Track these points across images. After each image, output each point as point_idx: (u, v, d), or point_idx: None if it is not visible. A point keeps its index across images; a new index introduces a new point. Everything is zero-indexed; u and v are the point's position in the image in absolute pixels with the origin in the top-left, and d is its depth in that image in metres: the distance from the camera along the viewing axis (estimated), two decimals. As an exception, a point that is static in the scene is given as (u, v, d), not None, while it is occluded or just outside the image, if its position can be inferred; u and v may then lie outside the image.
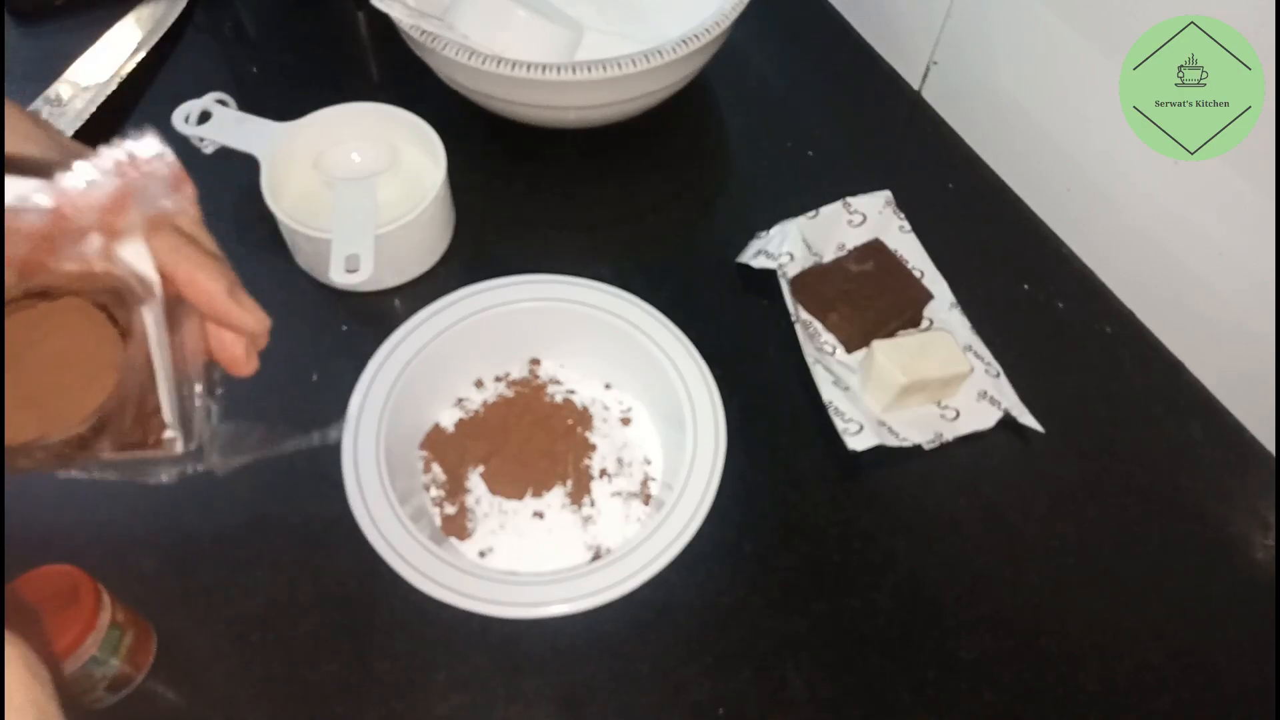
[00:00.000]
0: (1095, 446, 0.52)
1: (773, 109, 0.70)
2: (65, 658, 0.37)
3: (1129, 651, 0.45)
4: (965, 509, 0.50)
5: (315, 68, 0.71)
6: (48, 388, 0.25)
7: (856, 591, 0.46)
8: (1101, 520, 0.49)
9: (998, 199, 0.64)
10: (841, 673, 0.44)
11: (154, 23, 0.71)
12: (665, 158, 0.66)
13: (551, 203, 0.64)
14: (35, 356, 0.25)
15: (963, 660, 0.44)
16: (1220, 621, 0.47)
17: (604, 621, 0.44)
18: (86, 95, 0.65)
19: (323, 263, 0.52)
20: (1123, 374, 0.56)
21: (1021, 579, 0.47)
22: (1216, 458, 0.52)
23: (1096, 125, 0.55)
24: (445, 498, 0.48)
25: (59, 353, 0.25)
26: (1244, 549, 0.49)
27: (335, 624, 0.44)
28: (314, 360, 0.53)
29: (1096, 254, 0.60)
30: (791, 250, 0.56)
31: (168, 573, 0.45)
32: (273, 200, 0.53)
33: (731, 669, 0.44)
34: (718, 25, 0.57)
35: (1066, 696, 0.44)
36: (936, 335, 0.53)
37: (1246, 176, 0.47)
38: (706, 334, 0.50)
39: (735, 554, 0.47)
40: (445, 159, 0.56)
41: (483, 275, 0.52)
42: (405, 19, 0.56)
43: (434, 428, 0.51)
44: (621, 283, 0.52)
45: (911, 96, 0.70)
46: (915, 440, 0.50)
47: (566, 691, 0.43)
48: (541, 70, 0.54)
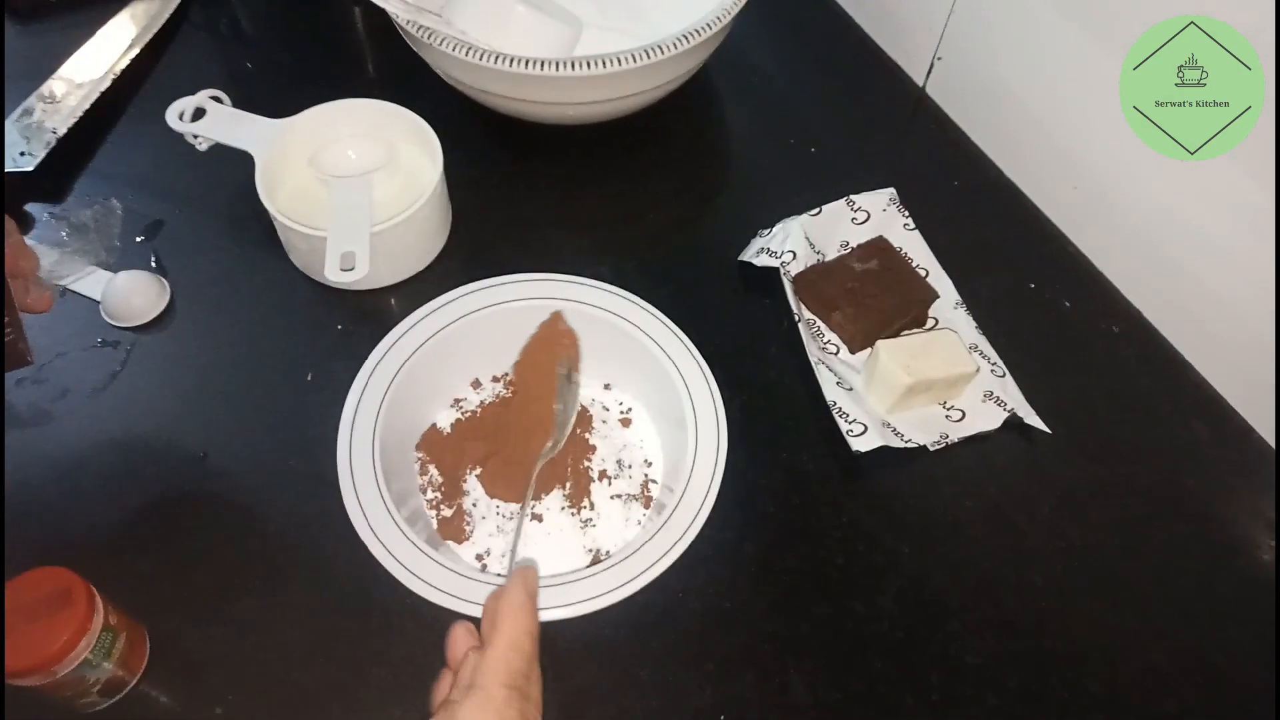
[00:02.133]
0: (1101, 447, 0.52)
1: (775, 105, 0.69)
2: (58, 661, 0.37)
3: (1134, 654, 0.45)
4: (970, 511, 0.49)
5: (311, 64, 0.71)
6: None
7: (860, 594, 0.46)
8: (1107, 521, 0.49)
9: (1003, 196, 0.64)
10: (844, 677, 0.43)
11: (149, 19, 0.70)
12: (666, 155, 0.66)
13: (550, 200, 0.63)
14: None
15: (967, 663, 0.44)
16: (1225, 623, 0.46)
17: (604, 625, 0.43)
18: (81, 92, 0.64)
19: (318, 261, 0.51)
20: (1129, 374, 0.55)
21: (1026, 581, 0.47)
22: (1223, 458, 0.52)
23: (1103, 122, 0.54)
24: (442, 500, 0.48)
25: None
26: (1250, 550, 0.49)
27: (330, 628, 0.44)
28: (309, 360, 0.53)
29: (1103, 252, 0.59)
30: (794, 248, 0.55)
31: (161, 575, 0.45)
32: (268, 198, 0.53)
33: (733, 673, 0.43)
34: (719, 20, 0.56)
35: (1071, 699, 0.43)
36: (941, 335, 0.52)
37: (1254, 176, 0.47)
38: (708, 333, 0.50)
39: (737, 556, 0.47)
40: (442, 156, 0.55)
41: (480, 274, 0.51)
42: (402, 14, 0.56)
43: (430, 429, 0.50)
44: (621, 282, 0.52)
45: (916, 93, 0.70)
46: (920, 441, 0.49)
47: (566, 696, 0.42)
48: (540, 66, 0.53)
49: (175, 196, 0.60)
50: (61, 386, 0.51)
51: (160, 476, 0.48)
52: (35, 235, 0.58)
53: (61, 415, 0.50)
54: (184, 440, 0.50)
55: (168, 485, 0.48)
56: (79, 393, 0.51)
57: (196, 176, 0.61)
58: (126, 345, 0.53)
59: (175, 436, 0.50)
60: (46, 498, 0.47)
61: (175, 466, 0.49)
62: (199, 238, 0.59)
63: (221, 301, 0.56)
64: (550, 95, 0.57)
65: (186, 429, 0.50)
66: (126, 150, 0.64)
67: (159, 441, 0.50)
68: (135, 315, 0.54)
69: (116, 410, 0.51)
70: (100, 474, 0.48)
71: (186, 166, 0.60)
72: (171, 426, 0.50)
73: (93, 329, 0.54)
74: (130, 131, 0.65)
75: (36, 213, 0.59)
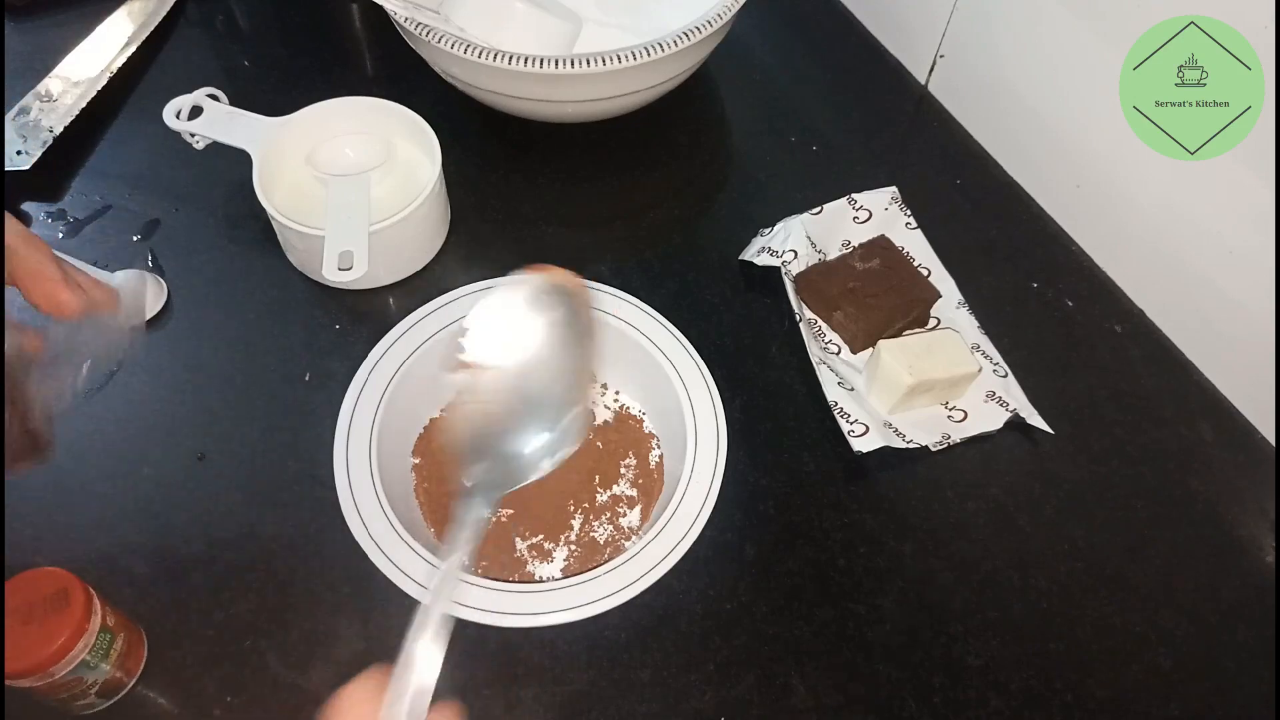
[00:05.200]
0: (1104, 448, 0.51)
1: (776, 103, 0.69)
2: (56, 662, 0.36)
3: (1138, 657, 0.45)
4: (972, 512, 0.49)
5: (308, 61, 0.70)
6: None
7: (861, 596, 0.46)
8: (1110, 523, 0.49)
9: (1006, 195, 0.63)
10: (846, 680, 0.43)
11: (145, 17, 0.70)
12: (666, 153, 0.65)
13: (549, 199, 0.63)
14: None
15: (970, 666, 0.44)
16: (1231, 626, 0.46)
17: (604, 628, 0.43)
18: (77, 90, 0.64)
19: (316, 260, 0.51)
20: (1133, 374, 0.55)
21: (1029, 583, 0.46)
22: (1227, 459, 0.52)
23: (1106, 121, 0.54)
24: (439, 502, 0.47)
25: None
26: (1255, 552, 0.48)
27: (328, 630, 0.43)
28: (307, 360, 0.52)
29: (1106, 252, 0.59)
30: (795, 247, 0.55)
31: (159, 577, 0.45)
32: (265, 196, 0.52)
33: (734, 676, 0.43)
34: (719, 17, 0.56)
35: (1075, 703, 0.43)
36: (944, 334, 0.52)
37: (1259, 175, 0.46)
38: (708, 333, 0.49)
39: (737, 558, 0.46)
40: (440, 154, 0.55)
41: (479, 273, 0.51)
42: (400, 11, 0.55)
43: (428, 430, 0.50)
44: (621, 280, 0.51)
45: (918, 91, 0.69)
46: (922, 442, 0.49)
47: (566, 700, 0.42)
48: (539, 63, 0.53)
49: (172, 195, 0.60)
50: (58, 387, 0.51)
51: (157, 477, 0.48)
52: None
53: (59, 415, 0.50)
54: (181, 441, 0.49)
55: (165, 486, 0.48)
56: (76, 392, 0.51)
57: (193, 175, 0.61)
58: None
59: (172, 437, 0.49)
60: (44, 498, 0.47)
61: (172, 467, 0.48)
62: (196, 237, 0.58)
63: (218, 301, 0.55)
64: (549, 93, 0.57)
65: (183, 429, 0.50)
66: (123, 149, 0.63)
67: (156, 442, 0.49)
68: (132, 315, 0.53)
69: (113, 410, 0.50)
70: (97, 474, 0.48)
71: (183, 165, 0.60)
72: (168, 427, 0.50)
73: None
74: (127, 130, 0.64)
75: (33, 211, 0.59)
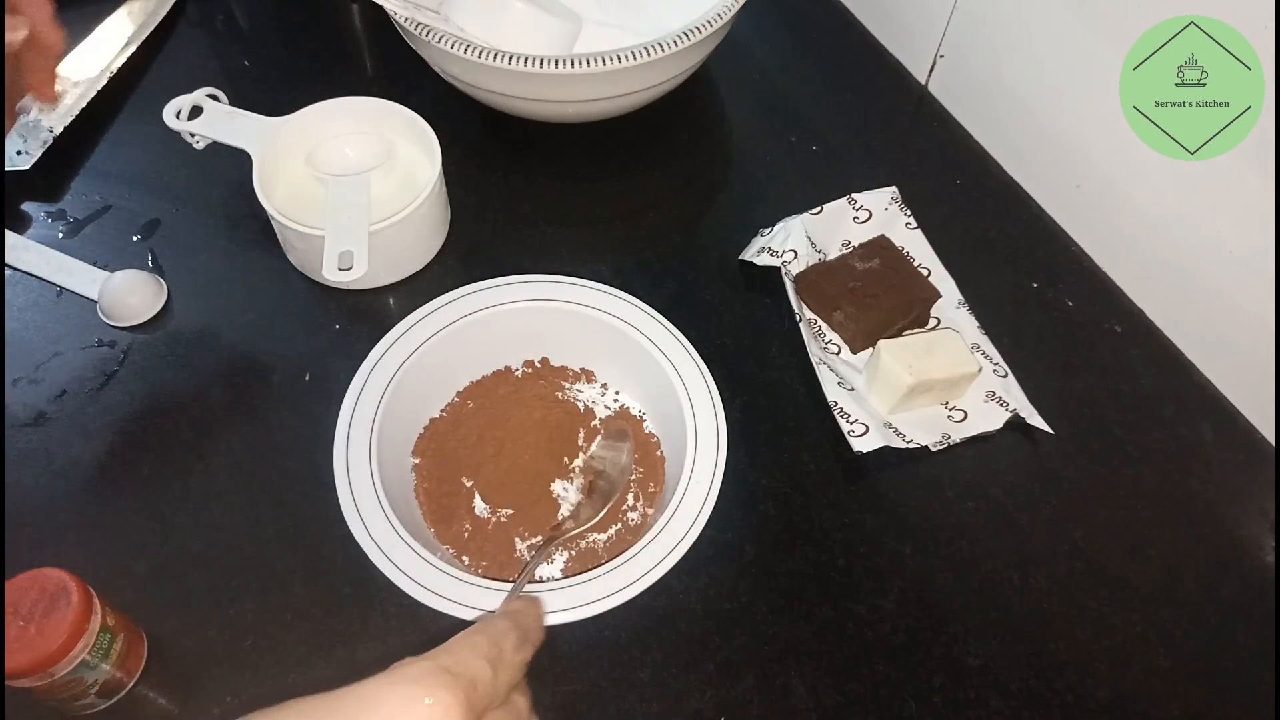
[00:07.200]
0: (1105, 448, 0.51)
1: (776, 103, 0.69)
2: (56, 662, 0.36)
3: (1138, 657, 0.44)
4: (972, 512, 0.49)
5: (308, 61, 0.70)
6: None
7: (861, 597, 0.45)
8: (1110, 523, 0.49)
9: (1006, 195, 0.63)
10: (846, 680, 0.43)
11: (145, 17, 0.70)
12: (666, 153, 0.65)
13: (549, 199, 0.63)
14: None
15: (970, 667, 0.44)
16: (1231, 626, 0.46)
17: (604, 628, 0.43)
18: (77, 90, 0.64)
19: (315, 260, 0.51)
20: (1133, 374, 0.55)
21: (1030, 583, 0.46)
22: (1227, 459, 0.51)
23: (1107, 121, 0.54)
24: (439, 502, 0.47)
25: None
26: (1255, 552, 0.48)
27: (328, 630, 0.43)
28: (307, 360, 0.52)
29: (1107, 252, 0.59)
30: (795, 247, 0.55)
31: (159, 577, 0.45)
32: (264, 196, 0.52)
33: (734, 676, 0.43)
34: (719, 17, 0.55)
35: (1075, 703, 0.43)
36: (944, 334, 0.52)
37: (1260, 175, 0.46)
38: (708, 333, 0.49)
39: (737, 558, 0.46)
40: (440, 154, 0.55)
41: (479, 273, 0.51)
42: (400, 11, 0.55)
43: (428, 430, 0.50)
44: (621, 280, 0.51)
45: (918, 90, 0.69)
46: (922, 442, 0.49)
47: (566, 700, 0.42)
48: (539, 63, 0.53)
49: (172, 195, 0.60)
50: (58, 386, 0.51)
51: (157, 477, 0.48)
52: (31, 235, 0.58)
53: (58, 415, 0.50)
54: (181, 441, 0.49)
55: (165, 486, 0.48)
56: (76, 393, 0.51)
57: (193, 175, 0.61)
58: (123, 345, 0.53)
59: (172, 437, 0.49)
60: (43, 498, 0.47)
61: (172, 467, 0.48)
62: (196, 237, 0.58)
63: (218, 301, 0.55)
64: (549, 93, 0.57)
65: (183, 429, 0.50)
66: (123, 149, 0.63)
67: (156, 442, 0.49)
68: (132, 315, 0.54)
69: (113, 410, 0.50)
70: (97, 474, 0.48)
71: (183, 165, 0.60)
72: (168, 427, 0.50)
73: (90, 329, 0.54)
74: (127, 130, 0.64)
75: (33, 211, 0.59)
